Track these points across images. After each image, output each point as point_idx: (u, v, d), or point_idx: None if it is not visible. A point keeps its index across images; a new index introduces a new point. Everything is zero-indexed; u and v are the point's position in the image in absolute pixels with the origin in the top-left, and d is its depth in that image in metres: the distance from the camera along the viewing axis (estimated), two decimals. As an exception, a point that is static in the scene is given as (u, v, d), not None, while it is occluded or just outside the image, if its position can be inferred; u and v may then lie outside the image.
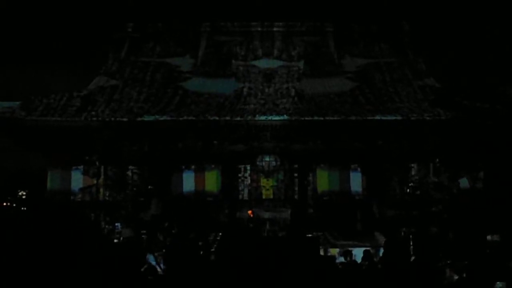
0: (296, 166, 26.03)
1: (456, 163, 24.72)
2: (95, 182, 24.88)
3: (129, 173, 25.35)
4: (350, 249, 14.13)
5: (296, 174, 26.05)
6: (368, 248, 14.41)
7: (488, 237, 19.56)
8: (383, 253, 7.79)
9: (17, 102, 23.90)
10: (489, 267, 4.60)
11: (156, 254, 10.45)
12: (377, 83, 27.79)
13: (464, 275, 6.32)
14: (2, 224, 3.63)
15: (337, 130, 24.33)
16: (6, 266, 3.31)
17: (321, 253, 16.87)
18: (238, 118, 23.77)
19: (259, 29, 31.83)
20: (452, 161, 24.70)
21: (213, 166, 25.29)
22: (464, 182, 24.56)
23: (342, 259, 13.56)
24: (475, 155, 24.07)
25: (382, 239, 21.48)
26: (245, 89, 26.51)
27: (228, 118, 23.69)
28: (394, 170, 25.45)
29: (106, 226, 23.52)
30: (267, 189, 25.85)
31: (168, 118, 23.60)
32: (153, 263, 9.35)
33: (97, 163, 24.89)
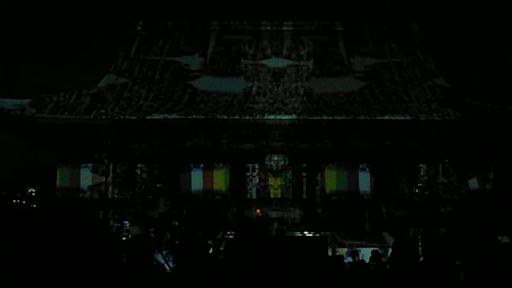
0: (304, 165, 26.01)
1: (466, 164, 24.60)
2: (104, 180, 24.97)
3: (138, 171, 25.44)
4: (357, 249, 14.12)
5: (304, 174, 26.02)
6: (376, 248, 14.39)
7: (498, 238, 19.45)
8: (391, 254, 7.78)
9: (28, 100, 24.04)
10: (499, 269, 4.58)
11: (164, 252, 10.47)
12: (386, 83, 27.70)
13: (474, 276, 6.28)
14: (12, 221, 3.65)
15: (345, 130, 24.28)
16: (16, 262, 3.33)
17: (329, 252, 16.86)
18: (247, 117, 23.75)
19: (269, 28, 31.83)
20: (462, 162, 24.58)
21: (221, 164, 25.33)
22: (473, 183, 24.44)
23: (350, 259, 13.54)
24: (485, 155, 23.94)
25: (390, 240, 21.46)
26: (254, 88, 26.52)
27: (237, 117, 23.69)
28: (403, 170, 25.38)
29: (115, 224, 23.62)
30: (275, 188, 25.85)
31: (177, 117, 23.63)
32: (162, 261, 9.36)
33: (106, 161, 24.98)
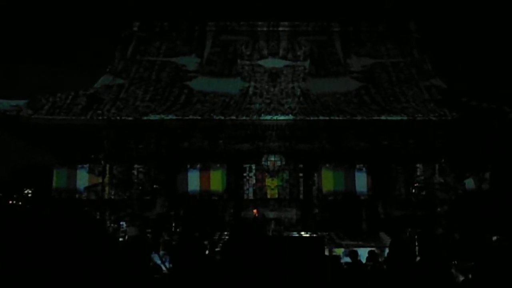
0: (301, 165, 26.01)
1: (462, 164, 24.65)
2: (100, 180, 24.93)
3: (135, 171, 25.40)
4: (355, 249, 14.06)
5: (301, 174, 26.03)
6: (373, 249, 14.39)
7: (494, 238, 19.49)
8: (388, 254, 7.78)
9: (24, 101, 24.00)
10: (495, 269, 4.58)
11: (161, 253, 10.47)
12: (383, 83, 27.73)
13: (470, 276, 6.30)
14: (8, 222, 3.62)
15: (342, 130, 24.31)
16: (12, 265, 3.31)
17: (326, 253, 16.86)
18: (244, 118, 23.75)
19: (265, 28, 31.82)
20: (458, 162, 24.63)
21: (218, 165, 25.31)
22: (470, 183, 24.48)
23: (347, 259, 13.52)
24: (481, 155, 24.00)
25: (387, 240, 21.48)
26: (250, 89, 26.51)
27: (233, 117, 23.69)
28: (400, 170, 25.41)
29: (111, 225, 23.59)
30: (272, 189, 25.85)
31: (174, 117, 23.62)
32: (158, 262, 9.36)
33: (102, 161, 24.96)
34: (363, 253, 13.02)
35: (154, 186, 25.12)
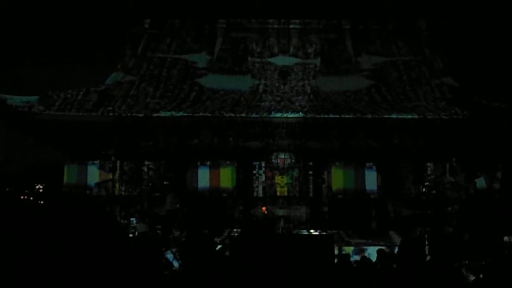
0: (311, 163, 25.98)
1: (473, 163, 24.50)
2: (111, 177, 25.05)
3: (145, 168, 25.50)
4: (383, 248, 13.58)
5: (311, 172, 25.99)
6: (382, 247, 14.31)
7: (505, 238, 19.39)
8: (398, 253, 7.76)
9: (35, 97, 24.16)
10: (506, 268, 4.56)
11: (174, 250, 10.46)
12: (394, 81, 27.62)
13: (481, 275, 6.27)
14: (20, 217, 3.66)
15: (352, 128, 24.25)
16: (24, 260, 3.35)
17: (336, 251, 16.82)
18: (254, 115, 23.77)
19: (276, 26, 31.78)
20: (469, 161, 24.48)
21: (228, 162, 25.33)
22: (481, 182, 24.33)
23: (356, 257, 13.45)
24: (492, 155, 23.84)
25: (397, 238, 21.43)
26: (260, 86, 26.51)
27: (243, 115, 23.71)
28: (410, 169, 25.31)
29: (121, 221, 23.70)
30: (282, 186, 25.84)
31: (184, 114, 23.69)
32: (171, 259, 9.36)
33: (113, 158, 25.06)
34: (372, 252, 12.95)
35: (164, 182, 25.21)
